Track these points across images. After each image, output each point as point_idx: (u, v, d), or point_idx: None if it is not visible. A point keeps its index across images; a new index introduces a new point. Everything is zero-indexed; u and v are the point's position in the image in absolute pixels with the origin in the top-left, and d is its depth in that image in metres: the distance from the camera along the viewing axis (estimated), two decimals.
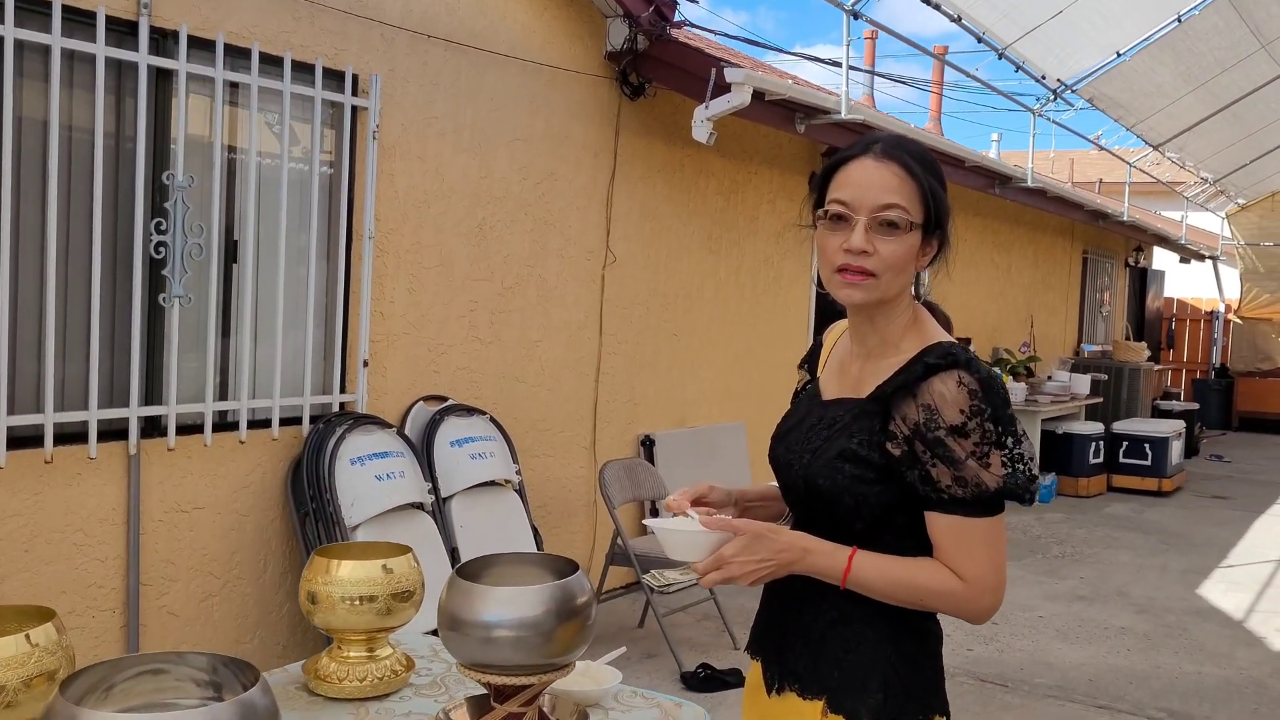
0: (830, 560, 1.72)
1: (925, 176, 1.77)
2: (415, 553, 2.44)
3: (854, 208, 1.72)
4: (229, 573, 4.24)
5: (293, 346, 4.41)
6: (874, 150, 1.76)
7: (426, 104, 4.87)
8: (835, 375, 1.90)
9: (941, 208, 1.78)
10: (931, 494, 1.68)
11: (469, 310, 5.16)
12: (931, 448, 1.67)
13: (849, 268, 1.72)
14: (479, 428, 5.00)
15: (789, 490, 1.87)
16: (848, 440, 1.74)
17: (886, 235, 1.72)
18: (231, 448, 4.19)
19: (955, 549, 1.69)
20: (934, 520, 1.70)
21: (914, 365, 1.73)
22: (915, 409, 1.69)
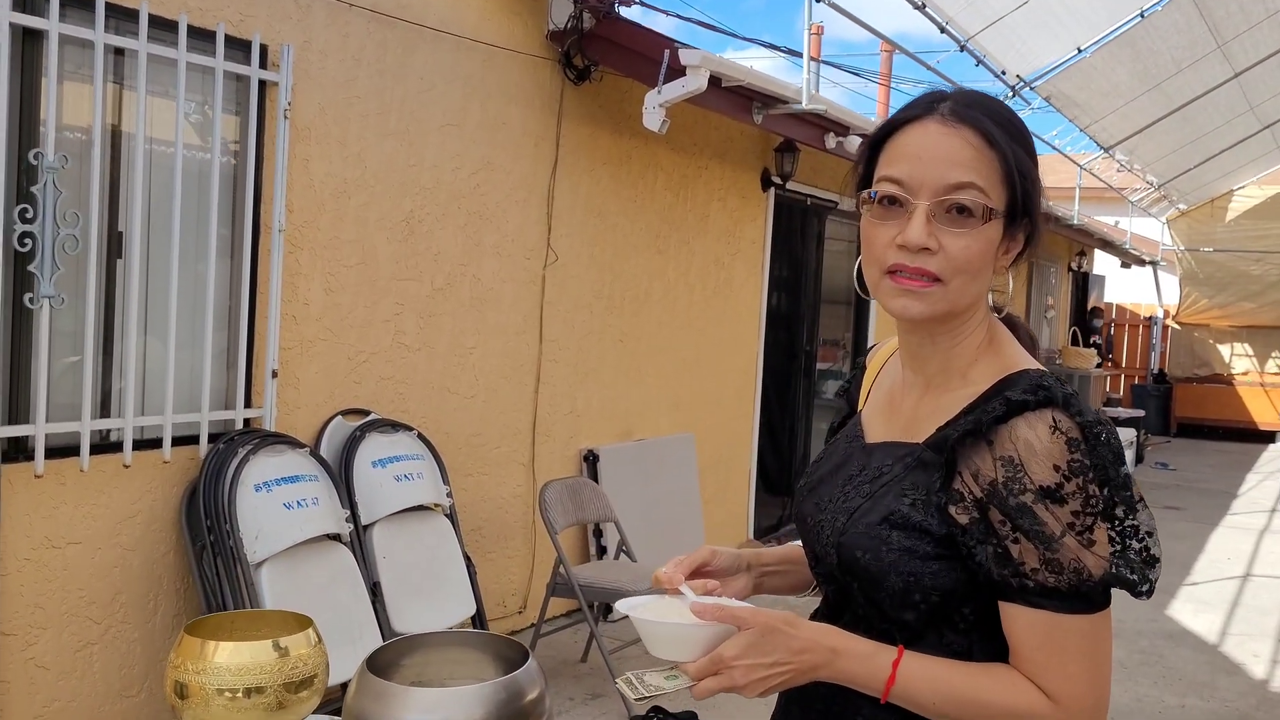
0: (868, 666, 1.26)
1: (1010, 145, 1.30)
2: (315, 627, 1.91)
3: (912, 188, 1.28)
4: (111, 617, 3.66)
5: (189, 355, 3.84)
6: (940, 111, 1.31)
7: (347, 82, 4.32)
8: (882, 411, 1.45)
9: (1031, 188, 1.32)
10: (1011, 579, 1.23)
11: (394, 314, 4.62)
12: (1013, 517, 1.22)
13: (904, 269, 1.29)
14: (405, 445, 4.47)
15: (818, 561, 1.41)
16: (897, 500, 1.30)
17: (956, 226, 1.27)
18: (114, 472, 3.62)
19: (1042, 655, 1.24)
20: (1014, 615, 1.25)
21: (990, 402, 1.27)
22: (992, 463, 1.24)
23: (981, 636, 1.29)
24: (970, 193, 1.26)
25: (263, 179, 4.00)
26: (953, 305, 1.30)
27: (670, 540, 6.15)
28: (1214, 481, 12.30)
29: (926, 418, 1.35)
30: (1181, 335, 17.41)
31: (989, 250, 1.29)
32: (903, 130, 1.32)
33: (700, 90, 4.92)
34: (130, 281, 3.58)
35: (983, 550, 1.24)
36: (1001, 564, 1.23)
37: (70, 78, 3.45)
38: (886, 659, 1.26)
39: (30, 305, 3.30)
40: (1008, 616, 1.25)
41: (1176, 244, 17.01)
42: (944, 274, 1.27)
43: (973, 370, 1.34)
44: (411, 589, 4.26)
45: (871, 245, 1.32)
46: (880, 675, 1.25)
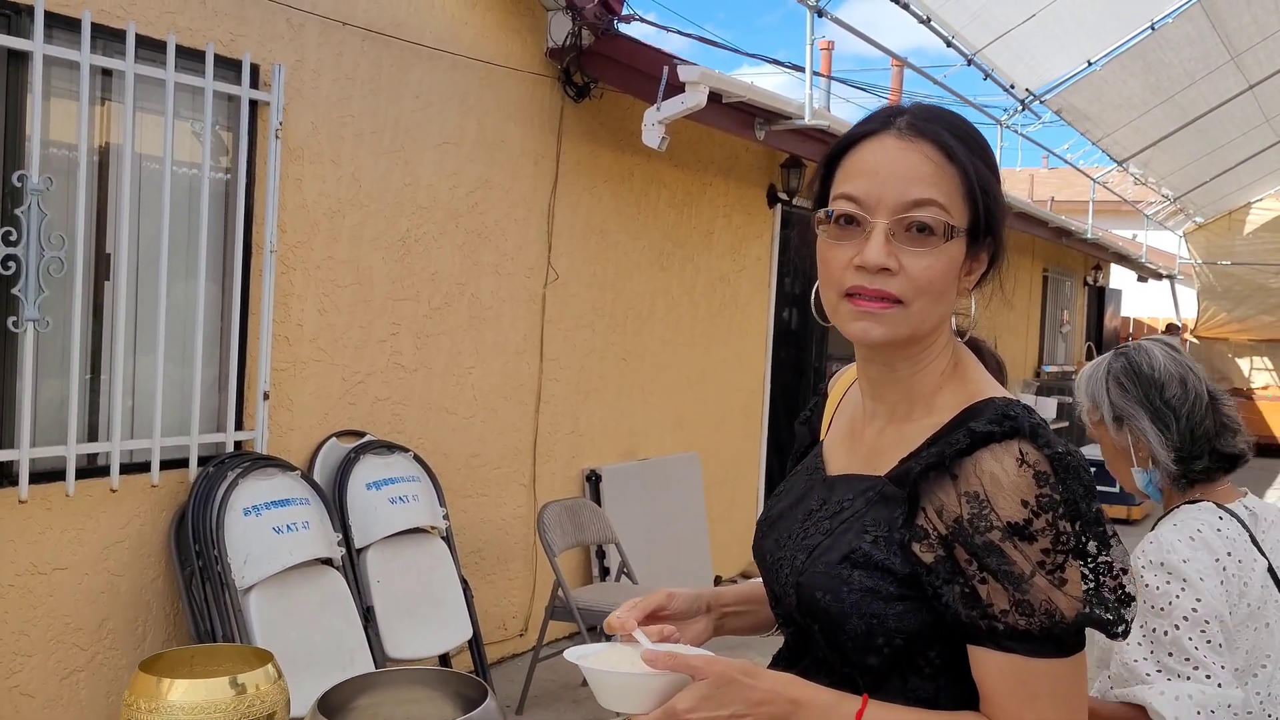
0: (831, 718, 1.17)
1: (971, 160, 1.24)
2: (275, 662, 1.84)
3: (869, 206, 1.21)
4: (98, 644, 3.61)
5: (178, 377, 3.80)
6: (897, 125, 1.24)
7: (341, 100, 4.29)
8: (843, 442, 1.38)
9: (994, 204, 1.25)
10: (980, 620, 1.15)
11: (390, 334, 4.58)
12: (980, 556, 1.15)
13: (863, 291, 1.21)
14: (400, 467, 4.42)
15: (778, 602, 1.33)
16: (858, 537, 1.22)
17: (917, 245, 1.20)
18: (101, 497, 3.58)
19: (1014, 701, 1.16)
20: (983, 659, 1.17)
21: (954, 433, 1.20)
22: (956, 498, 1.16)
23: (948, 681, 1.22)
24: (930, 210, 1.20)
25: (254, 199, 3.96)
26: (915, 328, 1.23)
27: (675, 560, 6.08)
28: None
29: (889, 449, 1.27)
30: (1199, 349, 17.24)
31: (952, 270, 1.22)
32: (859, 146, 1.25)
33: (700, 106, 4.88)
34: (118, 303, 3.54)
35: (949, 590, 1.16)
36: (969, 605, 1.15)
37: (57, 98, 3.43)
38: (850, 709, 1.17)
39: (14, 329, 3.26)
40: (976, 660, 1.17)
41: (1194, 257, 16.87)
42: (905, 295, 1.20)
43: (937, 398, 1.27)
44: (406, 613, 4.20)
45: (828, 267, 1.25)
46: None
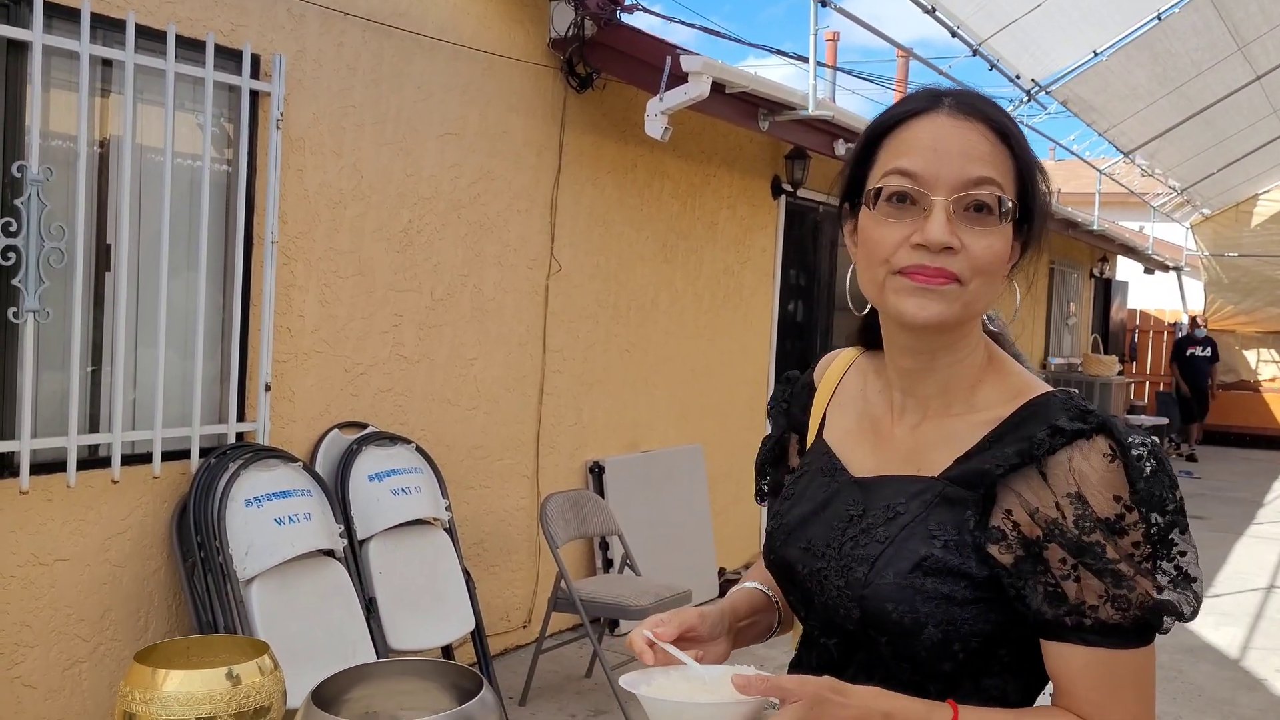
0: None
1: (1021, 144, 1.21)
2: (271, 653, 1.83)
3: (928, 182, 1.17)
4: (100, 635, 3.61)
5: (179, 368, 3.80)
6: (947, 104, 1.20)
7: (342, 91, 4.27)
8: (863, 440, 1.33)
9: (1039, 189, 1.23)
10: (1066, 617, 1.14)
11: (393, 325, 4.57)
12: (1079, 554, 1.13)
13: (924, 269, 1.16)
14: (403, 458, 4.41)
15: (829, 615, 1.25)
16: (925, 543, 1.18)
17: (978, 225, 1.17)
18: (103, 488, 3.57)
19: (1099, 695, 1.14)
20: (1066, 654, 1.15)
21: (1026, 430, 1.17)
22: (1051, 498, 1.14)
23: (1014, 676, 1.21)
24: (990, 188, 1.16)
25: (255, 190, 3.95)
26: (968, 309, 1.18)
27: (678, 553, 6.07)
28: (1239, 490, 12.11)
29: (933, 448, 1.23)
30: None
31: (1006, 251, 1.19)
32: (908, 124, 1.21)
33: (703, 97, 4.86)
34: (118, 295, 3.54)
35: (1033, 590, 1.14)
36: (1056, 603, 1.14)
37: (57, 89, 3.42)
38: (942, 717, 1.14)
39: (14, 320, 3.26)
40: (1057, 655, 1.16)
41: (1201, 249, 16.80)
42: (964, 275, 1.16)
43: (978, 392, 1.24)
44: (409, 605, 4.20)
45: (879, 246, 1.19)
46: None
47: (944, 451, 1.22)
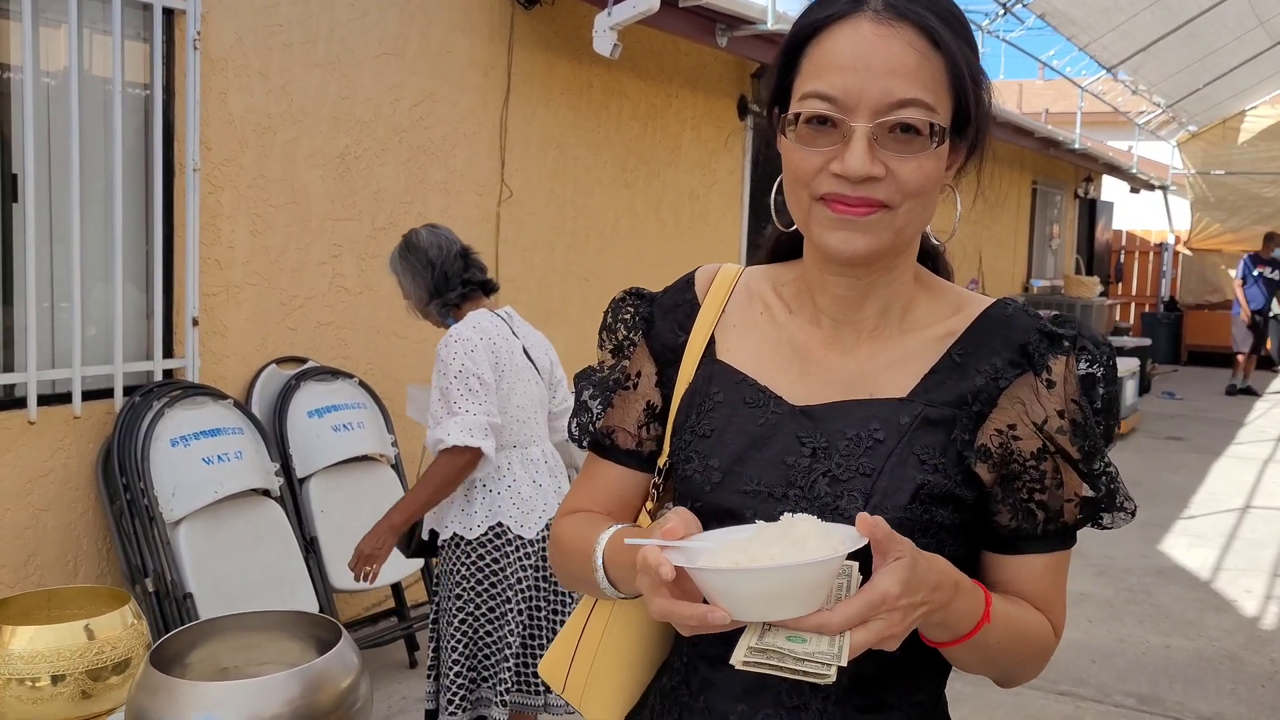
0: (974, 601, 1.07)
1: (957, 45, 1.08)
2: (132, 604, 1.71)
3: (847, 106, 1.05)
4: (25, 580, 3.50)
5: (99, 304, 3.64)
6: (871, 4, 1.07)
7: (268, 8, 4.06)
8: (785, 367, 1.19)
9: (981, 92, 1.12)
10: (1036, 528, 1.13)
11: (331, 256, 4.40)
12: (1082, 459, 1.12)
13: (844, 199, 1.07)
14: (344, 393, 4.27)
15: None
16: (917, 470, 1.10)
17: (904, 149, 1.06)
18: (19, 430, 3.43)
19: (1053, 593, 1.16)
20: (1025, 563, 1.15)
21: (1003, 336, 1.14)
22: (1055, 404, 1.11)
23: None
24: (918, 110, 1.05)
25: (174, 115, 3.76)
26: (899, 234, 1.09)
27: None
28: (1221, 410, 12.05)
29: (884, 370, 1.15)
30: (1193, 261, 17.04)
31: (939, 171, 1.09)
32: (827, 31, 1.08)
33: (652, 11, 4.64)
34: (27, 227, 3.36)
35: (1009, 506, 1.12)
36: (1031, 515, 1.12)
37: None
38: (981, 596, 1.08)
39: None
40: (1013, 565, 1.15)
41: (1187, 167, 16.57)
42: (892, 200, 1.07)
43: (914, 309, 1.18)
44: (352, 543, 4.06)
45: (798, 172, 1.09)
46: (978, 611, 1.07)
47: (901, 372, 1.14)
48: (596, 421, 1.27)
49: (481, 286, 3.15)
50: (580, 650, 1.28)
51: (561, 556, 1.27)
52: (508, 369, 3.01)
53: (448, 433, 2.87)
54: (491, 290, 3.20)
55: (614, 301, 1.31)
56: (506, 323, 3.10)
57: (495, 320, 3.05)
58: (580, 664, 1.28)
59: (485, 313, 3.06)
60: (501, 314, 3.12)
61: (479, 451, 2.88)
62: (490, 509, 2.98)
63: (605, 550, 1.16)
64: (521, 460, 3.05)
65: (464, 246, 3.18)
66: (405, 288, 3.17)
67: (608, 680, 1.27)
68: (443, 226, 3.26)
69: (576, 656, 1.28)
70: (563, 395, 3.26)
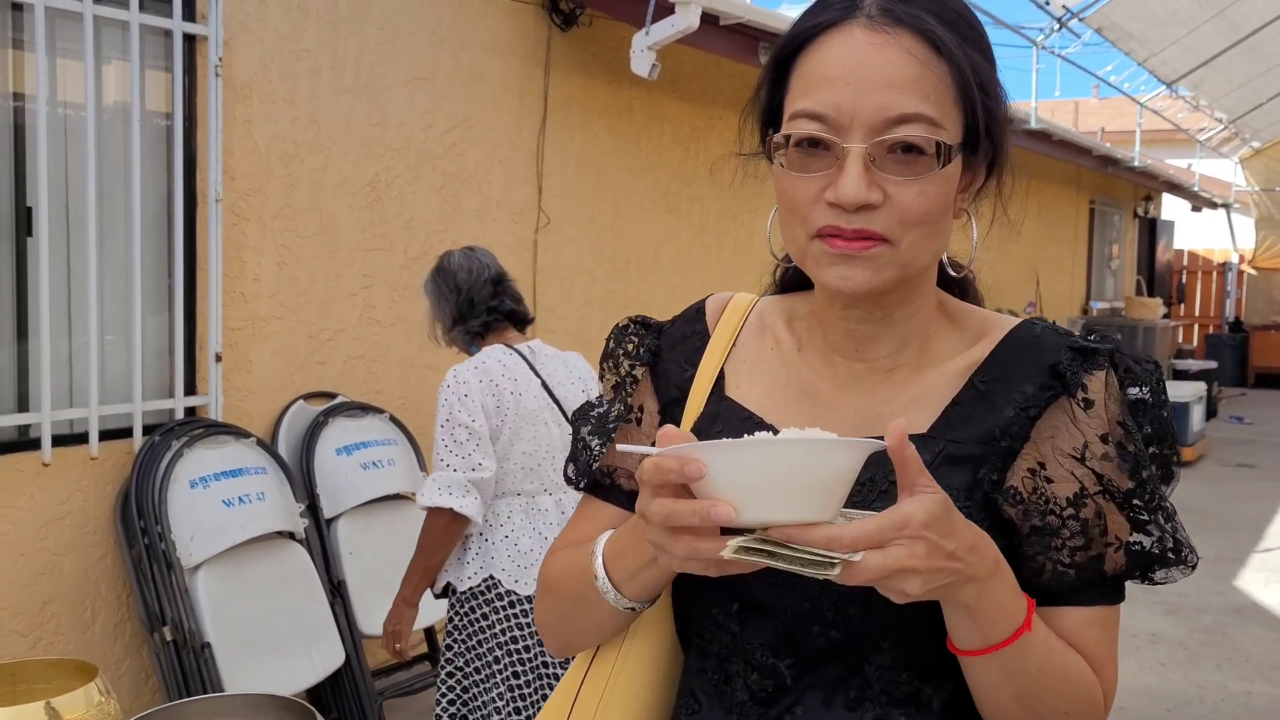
0: (1017, 600, 0.93)
1: (963, 50, 0.94)
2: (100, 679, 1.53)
3: (840, 125, 0.93)
4: (41, 628, 3.36)
5: (117, 340, 3.51)
6: (866, 10, 0.95)
7: (293, 34, 3.94)
8: (793, 407, 1.07)
9: (993, 102, 0.98)
10: (1069, 575, 0.97)
11: (362, 287, 4.26)
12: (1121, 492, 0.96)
13: (841, 232, 0.94)
14: (374, 430, 4.11)
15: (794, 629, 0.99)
16: None
17: (905, 171, 0.93)
18: (34, 472, 3.30)
19: (1094, 651, 0.99)
20: (1063, 616, 0.98)
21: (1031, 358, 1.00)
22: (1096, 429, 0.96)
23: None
24: (918, 126, 0.92)
25: (196, 144, 3.64)
26: (905, 268, 0.96)
27: None
28: None
29: (907, 406, 1.02)
30: (1258, 281, 16.56)
31: (949, 194, 0.96)
32: (817, 42, 0.96)
33: (692, 29, 4.47)
34: (40, 261, 3.24)
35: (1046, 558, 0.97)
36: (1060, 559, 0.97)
37: None
38: (1024, 600, 0.94)
39: None
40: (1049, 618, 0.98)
41: (1251, 185, 16.12)
42: (892, 233, 0.94)
43: (935, 341, 1.05)
44: (382, 586, 3.89)
45: (791, 202, 0.97)
46: (1019, 615, 0.92)
47: (920, 409, 1.01)
48: (595, 461, 1.12)
49: (508, 316, 2.97)
50: (580, 704, 1.11)
51: (550, 591, 1.12)
52: (512, 412, 2.79)
53: (423, 492, 2.73)
54: (521, 320, 3.00)
55: (617, 329, 1.17)
56: (526, 359, 2.88)
57: (509, 357, 2.85)
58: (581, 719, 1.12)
59: (499, 349, 2.87)
60: (523, 349, 2.91)
61: (452, 511, 2.69)
62: (484, 560, 2.78)
63: (606, 548, 1.03)
64: (525, 510, 2.84)
65: (499, 273, 3.02)
66: (431, 312, 3.04)
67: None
68: (483, 249, 3.09)
69: (575, 710, 1.12)
70: None
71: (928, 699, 0.98)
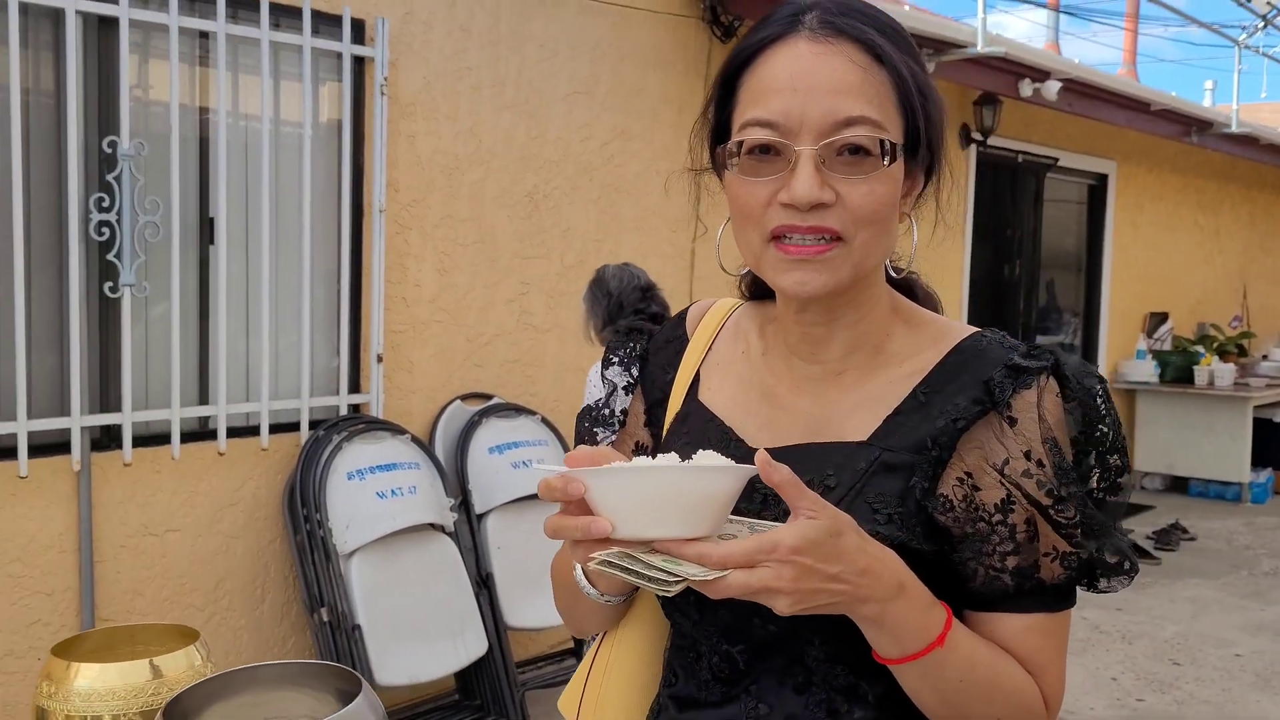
0: (925, 619, 0.96)
1: (902, 59, 1.01)
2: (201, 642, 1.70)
3: (790, 130, 0.99)
4: (215, 604, 3.66)
5: (288, 341, 3.79)
6: (807, 24, 1.02)
7: (456, 53, 4.15)
8: (753, 410, 1.13)
9: (932, 109, 1.04)
10: (1006, 581, 1.01)
11: (519, 293, 4.44)
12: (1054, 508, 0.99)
13: (795, 230, 1.00)
14: (526, 430, 4.28)
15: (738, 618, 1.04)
16: (868, 520, 0.99)
17: (853, 171, 0.99)
18: (210, 460, 3.60)
19: (1036, 658, 1.02)
20: (1002, 623, 1.02)
21: (971, 372, 1.03)
22: (1019, 446, 0.99)
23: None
24: (864, 128, 0.99)
25: (363, 158, 3.89)
26: (857, 267, 1.02)
27: None
28: None
29: (849, 413, 1.06)
30: None
31: (895, 193, 1.02)
32: (763, 56, 1.03)
33: None
34: (220, 267, 3.54)
35: (978, 564, 1.00)
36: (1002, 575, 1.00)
37: (155, 62, 3.44)
38: (939, 617, 0.98)
39: (111, 294, 3.30)
40: (985, 624, 1.02)
41: None
42: (845, 230, 1.00)
43: (888, 345, 1.09)
44: (529, 581, 4.06)
45: (745, 208, 1.02)
46: (932, 631, 0.96)
47: (864, 415, 1.06)
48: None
49: (653, 319, 3.26)
50: (590, 681, 1.23)
51: (555, 584, 1.22)
52: None
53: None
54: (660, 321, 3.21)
55: (614, 335, 1.25)
56: None
57: None
58: (590, 695, 1.23)
59: None
60: None
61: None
62: None
63: None
64: None
65: (649, 283, 3.37)
66: (586, 315, 3.43)
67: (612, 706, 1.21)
68: (636, 265, 3.46)
69: (587, 687, 1.23)
70: None
71: (864, 692, 1.02)
